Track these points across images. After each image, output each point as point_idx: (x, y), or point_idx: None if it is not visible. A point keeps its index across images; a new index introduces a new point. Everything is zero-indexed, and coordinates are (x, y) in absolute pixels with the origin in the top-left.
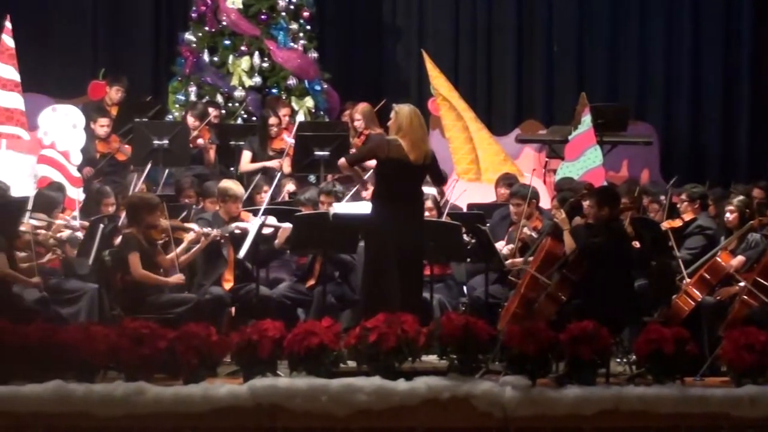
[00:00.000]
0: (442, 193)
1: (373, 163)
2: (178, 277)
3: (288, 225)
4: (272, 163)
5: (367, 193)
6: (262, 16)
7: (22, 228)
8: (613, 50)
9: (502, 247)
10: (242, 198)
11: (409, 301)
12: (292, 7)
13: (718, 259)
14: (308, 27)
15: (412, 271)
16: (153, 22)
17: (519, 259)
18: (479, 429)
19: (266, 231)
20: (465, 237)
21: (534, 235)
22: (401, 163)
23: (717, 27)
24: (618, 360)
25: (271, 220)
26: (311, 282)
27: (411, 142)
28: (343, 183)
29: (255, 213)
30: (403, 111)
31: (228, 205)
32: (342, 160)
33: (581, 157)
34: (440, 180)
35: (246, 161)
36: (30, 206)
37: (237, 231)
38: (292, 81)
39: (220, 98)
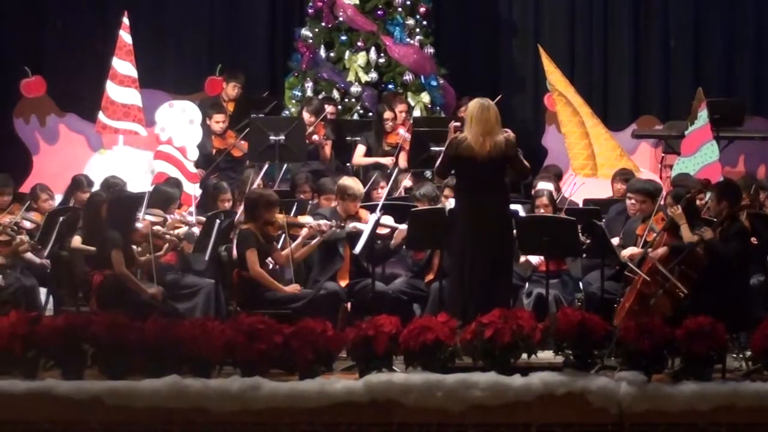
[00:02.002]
0: (558, 189)
1: None
2: (294, 287)
3: (404, 227)
4: (385, 160)
5: None
6: (379, 12)
7: (138, 225)
8: (730, 45)
9: (617, 242)
10: (361, 196)
11: (494, 294)
12: (408, 2)
13: None
14: (424, 22)
15: (496, 262)
16: (270, 18)
17: (638, 250)
18: (594, 425)
19: (382, 231)
20: (581, 237)
21: None
22: (470, 158)
23: None
24: (734, 356)
25: (388, 220)
26: (430, 276)
27: (475, 137)
28: None
29: (371, 209)
30: (469, 108)
31: (346, 203)
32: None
33: (698, 152)
34: (522, 174)
35: (359, 155)
36: (146, 202)
37: (353, 230)
38: (408, 77)
39: (336, 94)
